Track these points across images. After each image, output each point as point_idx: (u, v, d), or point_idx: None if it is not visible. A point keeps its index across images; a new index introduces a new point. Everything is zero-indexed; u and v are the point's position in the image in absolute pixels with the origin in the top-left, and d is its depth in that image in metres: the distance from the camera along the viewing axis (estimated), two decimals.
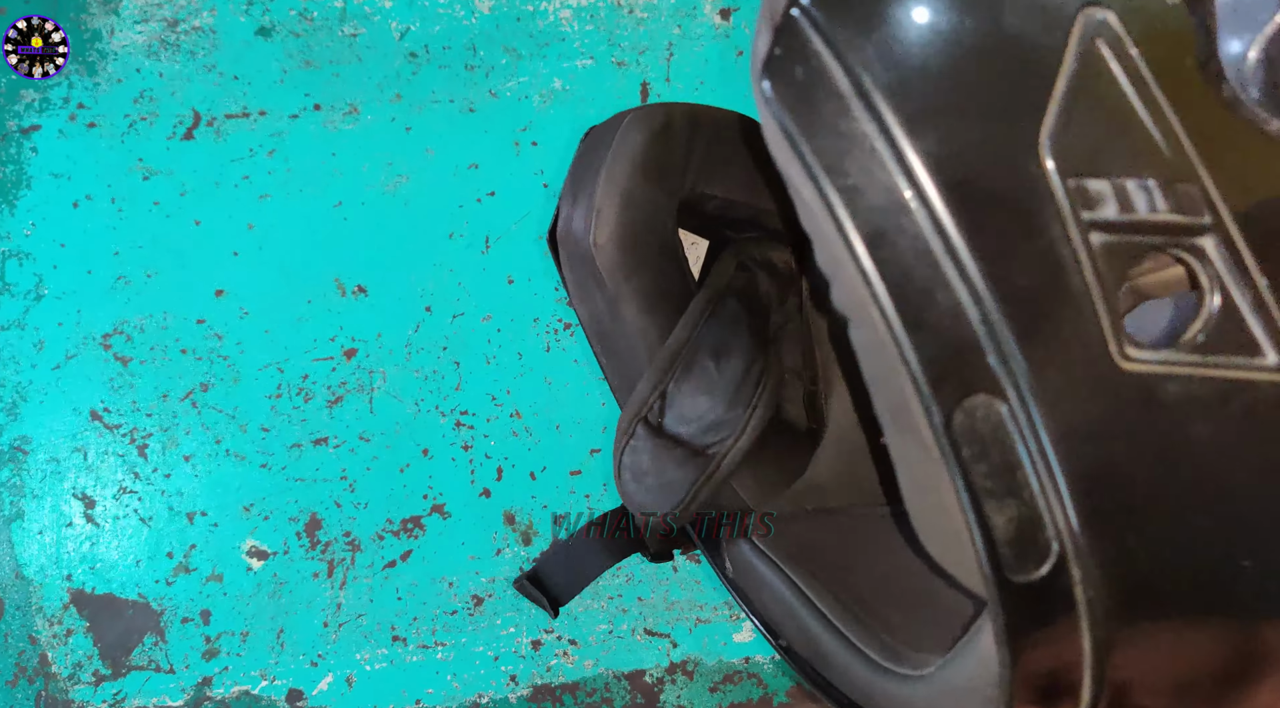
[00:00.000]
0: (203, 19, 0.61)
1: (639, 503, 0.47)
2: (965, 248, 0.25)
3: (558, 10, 0.63)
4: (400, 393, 0.59)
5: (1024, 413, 0.25)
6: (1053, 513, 0.25)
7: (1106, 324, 0.25)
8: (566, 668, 0.58)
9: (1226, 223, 0.25)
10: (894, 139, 0.25)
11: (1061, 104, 0.25)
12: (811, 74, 0.26)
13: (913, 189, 0.25)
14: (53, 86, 0.60)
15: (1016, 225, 0.25)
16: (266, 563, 0.57)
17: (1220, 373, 0.25)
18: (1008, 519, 0.25)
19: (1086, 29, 0.25)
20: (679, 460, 0.45)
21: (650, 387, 0.46)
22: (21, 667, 0.56)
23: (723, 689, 0.59)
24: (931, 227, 0.25)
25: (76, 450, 0.58)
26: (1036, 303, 0.25)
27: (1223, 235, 0.25)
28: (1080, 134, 0.25)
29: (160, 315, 0.59)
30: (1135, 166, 0.25)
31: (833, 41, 0.26)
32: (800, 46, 0.26)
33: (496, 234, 0.61)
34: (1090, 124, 0.25)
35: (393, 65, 0.62)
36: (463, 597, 0.58)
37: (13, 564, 0.57)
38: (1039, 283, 0.25)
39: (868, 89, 0.25)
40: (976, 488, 0.25)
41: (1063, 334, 0.25)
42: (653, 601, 0.59)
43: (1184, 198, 0.25)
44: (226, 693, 0.56)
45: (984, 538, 0.25)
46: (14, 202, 0.59)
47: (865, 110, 0.25)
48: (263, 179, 0.60)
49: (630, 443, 0.46)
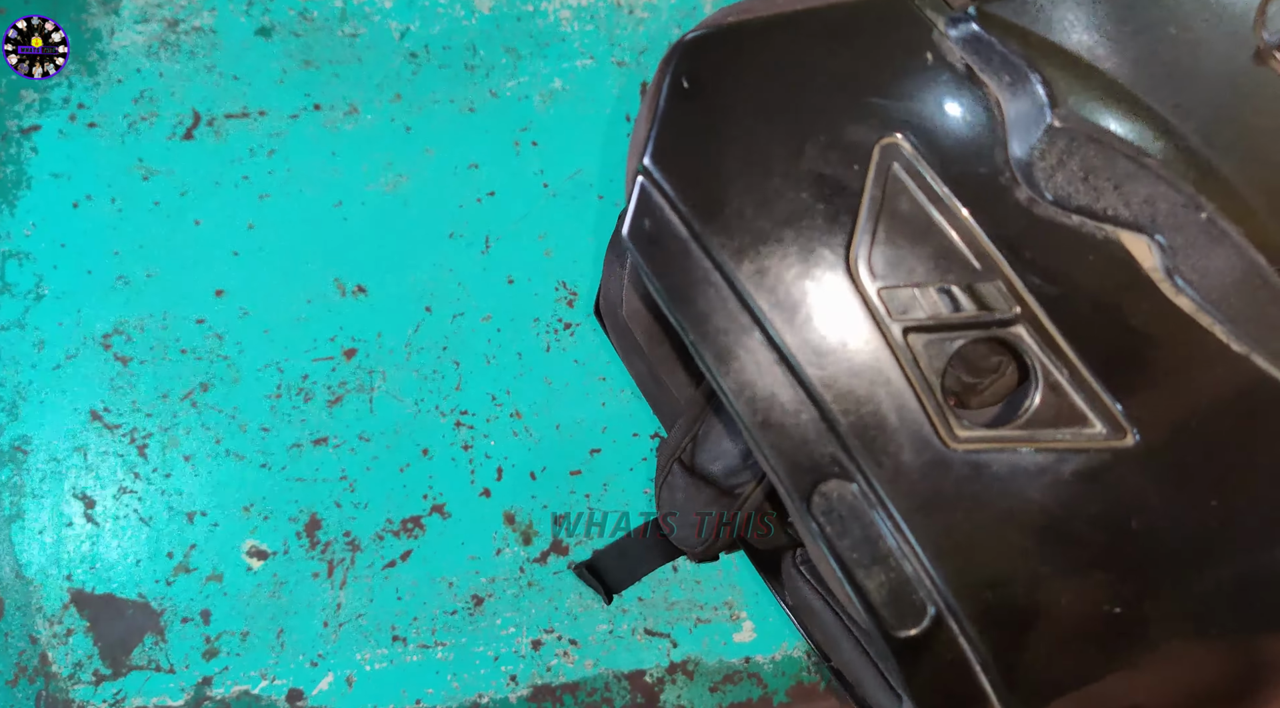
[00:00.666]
0: (203, 19, 0.61)
1: (675, 536, 0.52)
2: (796, 357, 0.29)
3: (558, 10, 0.63)
4: (400, 393, 0.59)
5: (872, 493, 0.29)
6: (919, 576, 0.28)
7: (931, 410, 0.29)
8: (566, 668, 0.58)
9: (1035, 311, 0.28)
10: (727, 271, 0.30)
11: (867, 224, 0.29)
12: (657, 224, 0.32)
13: (747, 312, 0.30)
14: (53, 86, 0.60)
15: (839, 333, 0.29)
16: (266, 563, 0.57)
17: (1050, 443, 0.28)
18: (878, 584, 0.29)
19: (884, 157, 0.30)
20: (708, 500, 0.49)
21: (683, 432, 0.51)
22: (22, 667, 0.56)
23: (723, 689, 0.59)
24: (765, 341, 0.29)
25: (76, 450, 0.58)
26: (865, 399, 0.29)
27: (1033, 322, 0.28)
28: (888, 248, 0.29)
29: (160, 315, 0.59)
30: (939, 272, 0.29)
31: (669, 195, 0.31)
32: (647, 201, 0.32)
33: (496, 234, 0.61)
34: (895, 238, 0.29)
35: (393, 65, 0.62)
36: (463, 597, 0.58)
37: (13, 564, 0.57)
38: (865, 382, 0.29)
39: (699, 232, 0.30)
40: (845, 559, 0.29)
41: (890, 424, 0.29)
42: (653, 601, 0.59)
43: (988, 295, 0.29)
44: (226, 693, 0.56)
45: (861, 602, 0.29)
46: (14, 202, 0.59)
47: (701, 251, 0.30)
48: (263, 179, 0.60)
49: (667, 480, 0.51)
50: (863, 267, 0.29)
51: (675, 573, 0.59)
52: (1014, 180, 0.28)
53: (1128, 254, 0.27)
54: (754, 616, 0.59)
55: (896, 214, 0.29)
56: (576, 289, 0.61)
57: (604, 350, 0.60)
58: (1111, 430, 0.28)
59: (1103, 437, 0.28)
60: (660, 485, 0.52)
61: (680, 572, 0.59)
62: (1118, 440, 0.27)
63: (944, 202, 0.29)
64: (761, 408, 0.29)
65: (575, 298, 0.61)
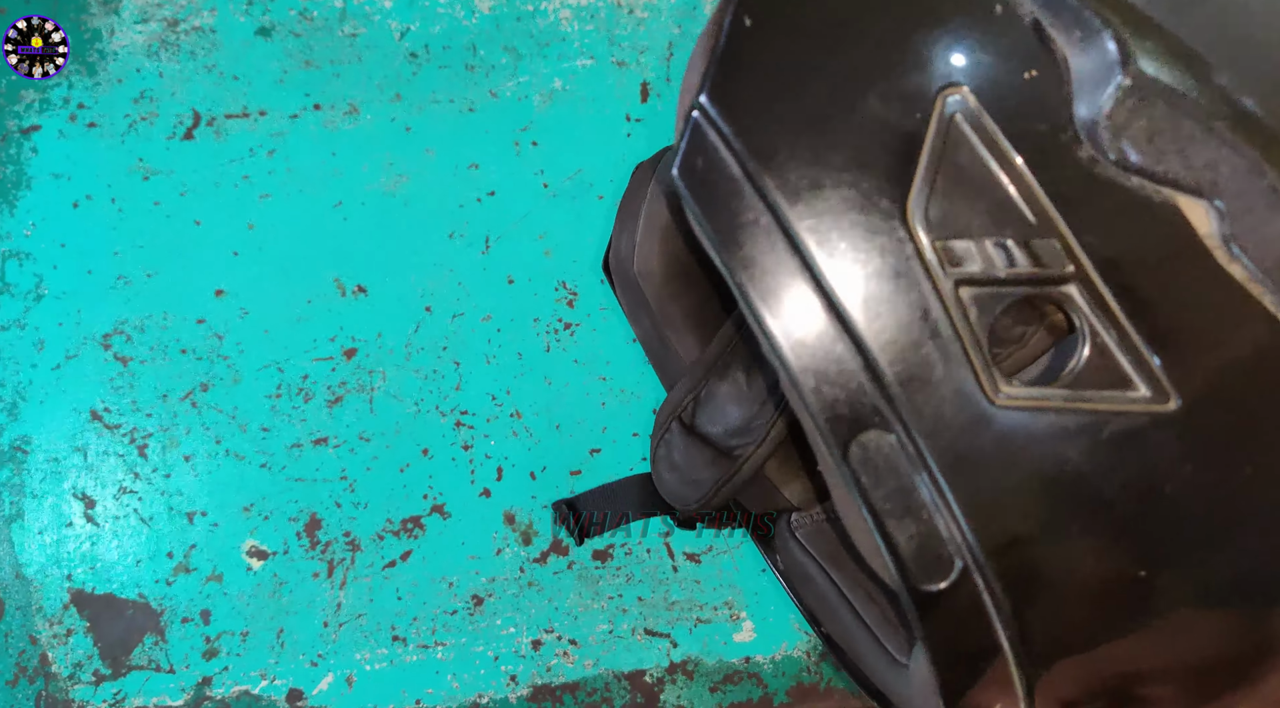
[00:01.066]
0: (203, 19, 0.61)
1: (669, 491, 0.51)
2: (845, 305, 0.29)
3: (558, 10, 0.63)
4: (400, 393, 0.59)
5: (911, 446, 0.28)
6: (949, 530, 0.28)
7: (978, 365, 0.28)
8: (566, 668, 0.58)
9: (1089, 271, 0.28)
10: (780, 215, 0.29)
11: (926, 174, 0.29)
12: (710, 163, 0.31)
13: (797, 257, 0.29)
14: (53, 86, 0.60)
15: (890, 283, 0.29)
16: (266, 563, 0.57)
17: (1093, 405, 0.28)
18: (909, 536, 0.29)
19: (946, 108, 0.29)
20: (707, 460, 0.49)
21: (686, 390, 0.51)
22: (21, 667, 0.56)
23: (723, 689, 0.59)
24: (816, 288, 0.29)
25: (76, 450, 0.58)
26: (911, 350, 0.28)
27: (1086, 282, 0.28)
28: (945, 200, 0.29)
29: (160, 315, 0.59)
30: (996, 226, 0.28)
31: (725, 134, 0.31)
32: (701, 140, 0.31)
33: (496, 234, 0.61)
34: (954, 191, 0.29)
35: (393, 65, 0.62)
36: (463, 597, 0.58)
37: (13, 564, 0.57)
38: (913, 333, 0.29)
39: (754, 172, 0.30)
40: (878, 510, 0.29)
41: (935, 377, 0.28)
42: (653, 601, 0.59)
43: (1044, 251, 0.28)
44: (226, 693, 0.56)
45: (890, 553, 0.29)
46: (14, 202, 0.59)
47: (754, 192, 0.30)
48: (263, 179, 0.60)
49: (665, 437, 0.51)
50: (918, 217, 0.29)
51: (675, 573, 0.59)
52: (1076, 139, 0.28)
53: (1184, 219, 0.27)
54: (754, 616, 0.59)
55: (956, 166, 0.29)
56: (576, 289, 0.61)
57: (604, 350, 0.61)
58: (1154, 394, 0.27)
59: (1145, 400, 0.27)
60: (657, 443, 0.51)
61: (680, 572, 0.59)
62: (1159, 405, 0.27)
63: (1005, 156, 0.28)
64: (806, 355, 0.29)
65: (575, 298, 0.61)
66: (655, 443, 0.52)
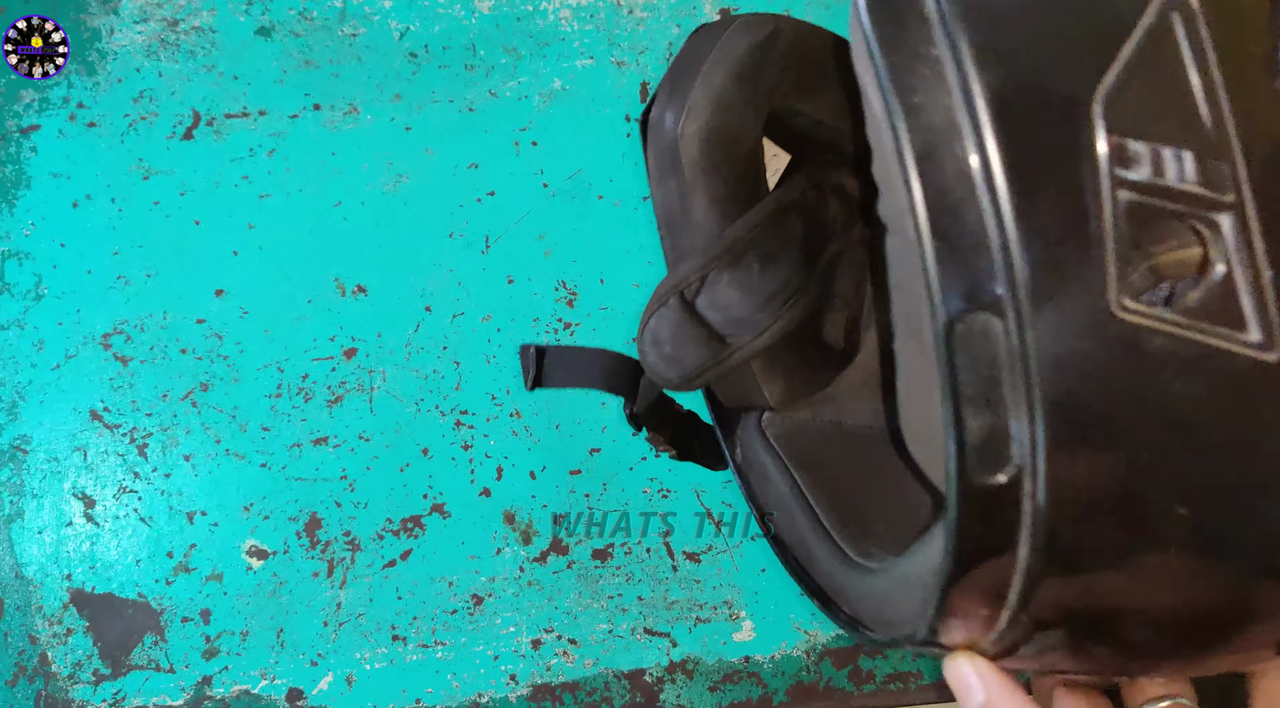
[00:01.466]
0: (203, 19, 0.61)
1: (649, 364, 0.49)
2: (1002, 179, 0.27)
3: (558, 10, 0.63)
4: (400, 393, 0.59)
5: (1018, 336, 0.27)
6: (1021, 429, 0.27)
7: (1112, 273, 0.27)
8: (566, 668, 0.58)
9: (1247, 205, 0.27)
10: (964, 68, 0.28)
11: (1124, 66, 0.27)
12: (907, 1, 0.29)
13: (969, 117, 0.27)
14: (52, 86, 0.60)
15: (1053, 168, 0.27)
16: (266, 563, 0.57)
17: (1204, 338, 0.27)
18: (980, 425, 0.28)
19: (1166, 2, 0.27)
20: (697, 339, 0.47)
21: (694, 267, 0.48)
22: (21, 666, 0.56)
23: (723, 689, 0.59)
24: (977, 154, 0.27)
25: (76, 450, 0.58)
26: (1052, 240, 0.27)
27: (1240, 216, 0.27)
28: (1134, 97, 0.27)
29: (160, 315, 0.59)
30: (1176, 136, 0.27)
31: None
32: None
33: (496, 234, 0.61)
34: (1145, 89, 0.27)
35: (393, 65, 0.62)
36: (463, 596, 0.58)
37: (13, 564, 0.57)
38: (1060, 223, 0.27)
39: (950, 17, 0.28)
40: (960, 392, 0.28)
41: (1068, 273, 0.27)
42: (653, 600, 0.59)
43: (1214, 173, 0.27)
44: (226, 693, 0.56)
45: (956, 438, 0.28)
46: (14, 202, 0.59)
47: (945, 37, 0.28)
48: (263, 179, 0.60)
49: (660, 310, 0.48)
50: (1102, 107, 0.27)
51: (675, 573, 0.59)
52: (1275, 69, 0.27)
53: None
54: (754, 615, 0.59)
55: (1155, 66, 0.27)
56: (576, 289, 0.61)
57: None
58: (1264, 341, 0.27)
59: (1255, 345, 0.27)
60: (649, 315, 0.49)
61: (680, 571, 0.59)
62: (1263, 352, 0.27)
63: (1208, 67, 0.27)
64: (947, 219, 0.27)
65: (575, 298, 0.61)
66: (647, 316, 0.49)
